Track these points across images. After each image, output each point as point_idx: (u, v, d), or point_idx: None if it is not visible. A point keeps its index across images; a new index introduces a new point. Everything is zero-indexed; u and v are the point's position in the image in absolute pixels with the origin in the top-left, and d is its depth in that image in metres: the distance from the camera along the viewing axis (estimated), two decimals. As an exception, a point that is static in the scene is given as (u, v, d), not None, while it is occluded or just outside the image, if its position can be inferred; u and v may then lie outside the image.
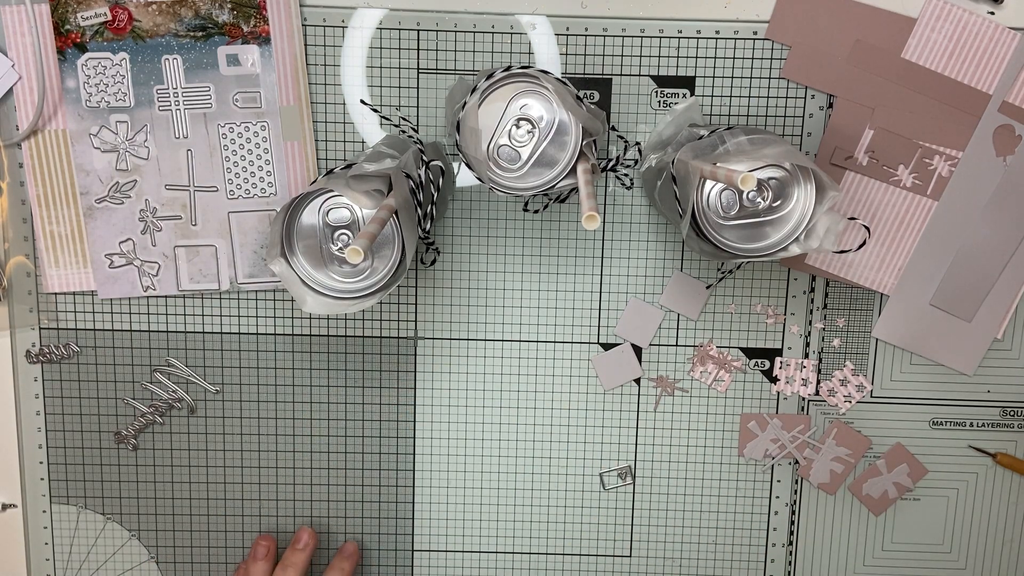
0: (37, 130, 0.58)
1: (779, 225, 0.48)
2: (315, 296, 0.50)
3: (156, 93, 0.58)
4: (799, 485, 0.64)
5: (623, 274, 0.61)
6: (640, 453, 0.64)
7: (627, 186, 0.60)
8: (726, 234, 0.48)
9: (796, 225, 0.48)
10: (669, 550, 0.65)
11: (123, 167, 0.59)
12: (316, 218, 0.50)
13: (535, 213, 0.61)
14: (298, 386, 0.63)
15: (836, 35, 0.57)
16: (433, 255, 0.61)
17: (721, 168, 0.44)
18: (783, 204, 0.48)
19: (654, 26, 0.58)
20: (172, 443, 0.64)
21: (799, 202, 0.47)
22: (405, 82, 0.59)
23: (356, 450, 0.64)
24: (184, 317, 0.62)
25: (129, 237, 0.60)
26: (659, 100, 0.59)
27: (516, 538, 0.65)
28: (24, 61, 0.58)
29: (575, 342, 0.62)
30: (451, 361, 0.63)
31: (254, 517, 0.65)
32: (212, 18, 0.57)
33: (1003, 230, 0.60)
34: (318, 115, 0.59)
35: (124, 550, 0.65)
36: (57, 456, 0.63)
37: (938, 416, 0.63)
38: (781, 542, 0.65)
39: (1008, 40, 0.57)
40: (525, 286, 0.62)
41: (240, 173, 0.59)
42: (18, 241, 0.60)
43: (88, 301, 0.61)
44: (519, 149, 0.48)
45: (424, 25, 0.58)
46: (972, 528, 0.65)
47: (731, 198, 0.48)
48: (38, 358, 0.62)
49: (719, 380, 0.63)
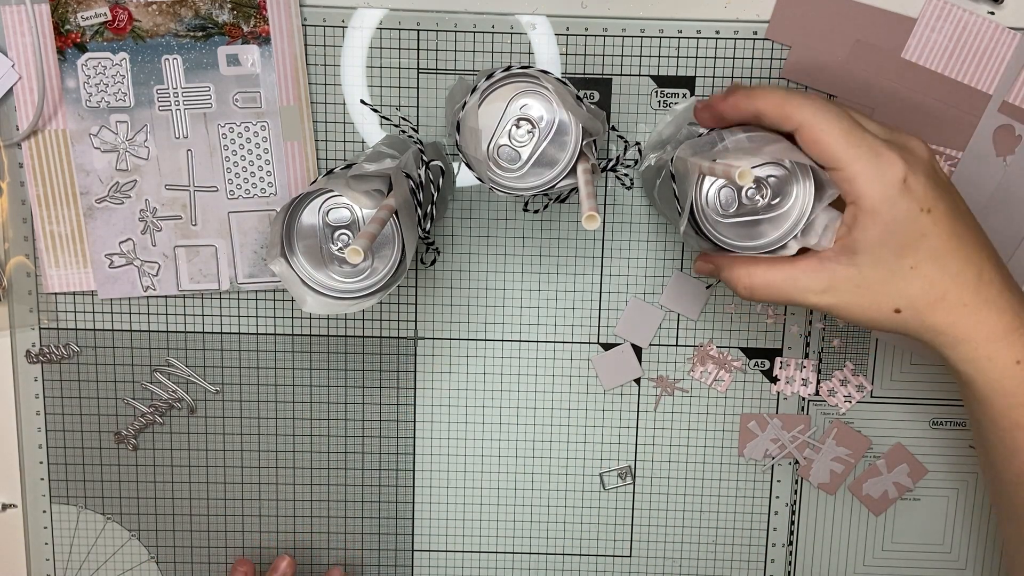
0: (37, 130, 0.58)
1: (778, 223, 0.48)
2: (315, 296, 0.50)
3: (156, 93, 0.58)
4: (799, 485, 0.64)
5: (623, 274, 0.61)
6: (640, 453, 0.64)
7: (627, 186, 0.60)
8: (724, 232, 0.48)
9: (795, 223, 0.47)
10: (669, 550, 0.65)
11: (123, 167, 0.59)
12: (316, 218, 0.50)
13: (535, 213, 0.61)
14: (298, 386, 0.63)
15: (836, 35, 0.57)
16: (433, 255, 0.61)
17: (720, 164, 0.44)
18: (782, 202, 0.48)
19: (654, 26, 0.58)
20: (172, 443, 0.64)
21: (798, 200, 0.47)
22: (405, 82, 0.59)
23: (356, 450, 0.64)
24: (184, 317, 0.62)
25: (129, 237, 0.60)
26: (659, 100, 0.59)
27: (516, 538, 0.65)
28: (24, 61, 0.58)
29: (575, 342, 0.62)
30: (451, 361, 0.63)
31: (254, 517, 0.65)
32: (212, 18, 0.57)
33: (1003, 230, 0.60)
34: (318, 115, 0.59)
35: (124, 550, 0.65)
36: (57, 456, 0.63)
37: (938, 416, 0.63)
38: (781, 542, 0.65)
39: (1008, 40, 0.57)
40: (525, 286, 0.62)
41: (240, 173, 0.59)
42: (18, 241, 0.60)
43: (88, 301, 0.61)
44: (519, 149, 0.48)
45: (424, 25, 0.58)
46: (972, 528, 0.65)
47: (730, 196, 0.48)
48: (38, 358, 0.62)
49: (719, 380, 0.63)
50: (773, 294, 0.48)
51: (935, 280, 0.46)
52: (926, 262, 0.46)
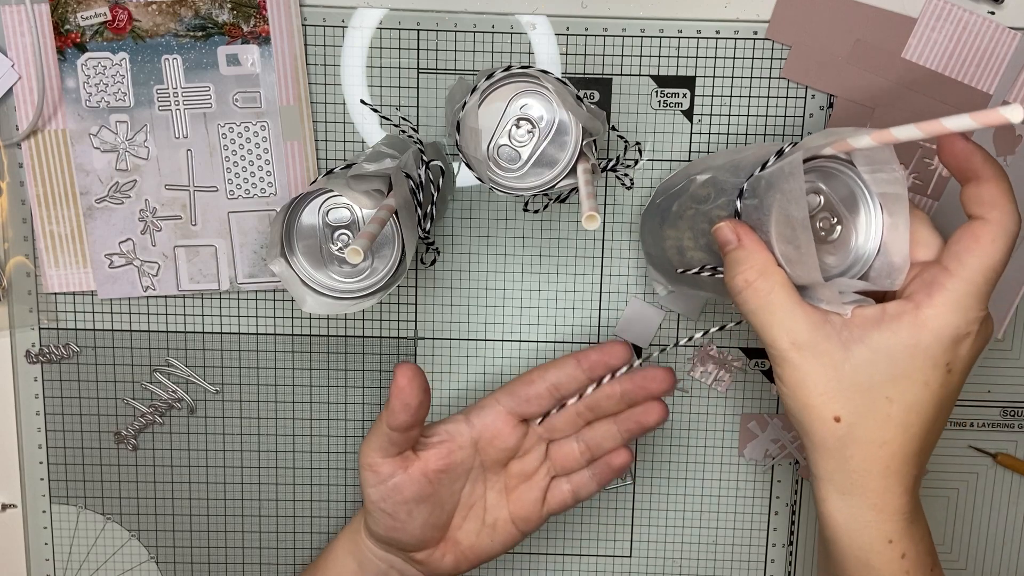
0: (37, 130, 0.58)
1: (840, 256, 0.45)
2: (315, 296, 0.50)
3: (156, 93, 0.58)
4: (799, 485, 0.64)
5: (623, 274, 0.61)
6: (640, 453, 0.64)
7: (627, 186, 0.60)
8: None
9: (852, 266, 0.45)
10: (669, 550, 0.65)
11: (123, 167, 0.59)
12: (316, 218, 0.50)
13: (535, 213, 0.61)
14: (298, 386, 0.63)
15: (836, 35, 0.57)
16: (433, 255, 0.61)
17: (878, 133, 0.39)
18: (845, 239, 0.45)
19: (654, 26, 0.58)
20: (172, 443, 0.64)
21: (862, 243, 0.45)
22: (405, 82, 0.59)
23: (356, 450, 0.64)
24: (184, 317, 0.62)
25: (129, 237, 0.60)
26: (659, 100, 0.59)
27: (516, 538, 0.65)
28: (24, 61, 0.58)
29: (575, 342, 0.62)
30: (451, 361, 0.63)
31: (254, 517, 0.65)
32: (212, 18, 0.57)
33: (1003, 230, 0.59)
34: (318, 115, 0.59)
35: (124, 550, 0.65)
36: (57, 456, 0.63)
37: (938, 416, 0.63)
38: (781, 542, 0.65)
39: (1008, 40, 0.57)
40: (525, 286, 0.62)
41: (240, 173, 0.59)
42: (18, 241, 0.60)
43: (88, 301, 0.61)
44: (519, 149, 0.48)
45: (424, 25, 0.58)
46: (972, 528, 0.65)
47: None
48: (38, 358, 0.62)
49: (719, 380, 0.63)
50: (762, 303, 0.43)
51: (894, 424, 0.42)
52: (903, 406, 0.42)
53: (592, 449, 0.55)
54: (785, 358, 0.43)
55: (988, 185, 0.41)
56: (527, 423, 0.55)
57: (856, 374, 0.42)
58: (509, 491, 0.56)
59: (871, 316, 0.42)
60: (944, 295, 0.41)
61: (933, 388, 0.42)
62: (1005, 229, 0.41)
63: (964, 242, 0.42)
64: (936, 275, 0.42)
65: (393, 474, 0.52)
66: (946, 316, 0.41)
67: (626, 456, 0.55)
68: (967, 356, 0.42)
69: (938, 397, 0.42)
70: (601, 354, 0.53)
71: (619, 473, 0.55)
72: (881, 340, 0.42)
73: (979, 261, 0.41)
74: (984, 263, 0.41)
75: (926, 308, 0.41)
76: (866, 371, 0.42)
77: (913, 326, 0.41)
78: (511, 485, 0.56)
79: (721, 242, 0.45)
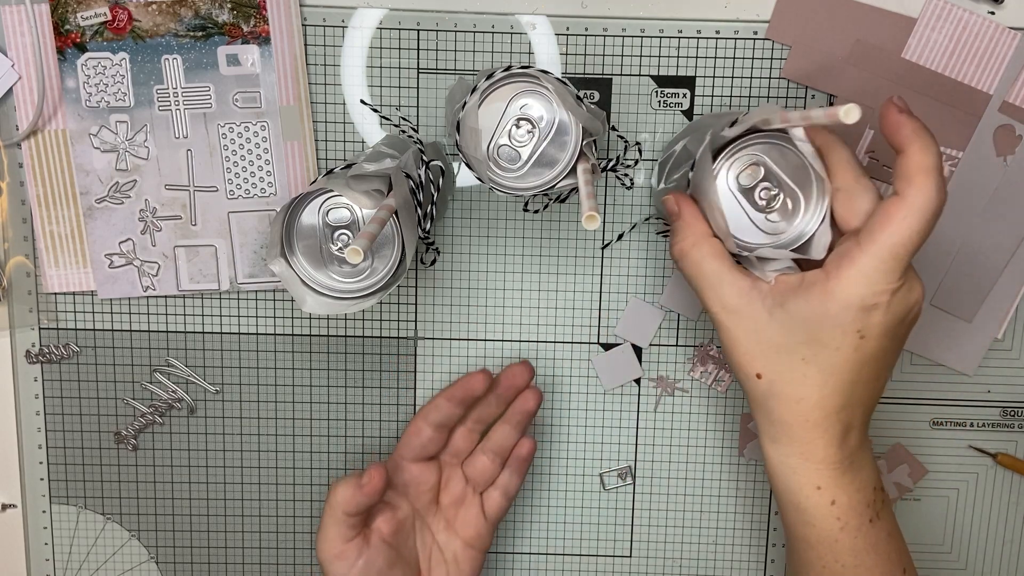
0: (37, 130, 0.58)
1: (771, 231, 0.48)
2: (315, 296, 0.50)
3: (156, 93, 0.58)
4: (799, 485, 0.64)
5: (623, 274, 0.61)
6: (640, 453, 0.64)
7: (627, 186, 0.60)
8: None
9: (790, 241, 0.47)
10: (669, 550, 0.65)
11: (123, 167, 0.59)
12: (316, 218, 0.50)
13: (535, 213, 0.61)
14: (298, 386, 0.63)
15: (836, 35, 0.57)
16: (433, 255, 0.61)
17: (818, 110, 0.41)
18: (782, 219, 0.48)
19: (654, 26, 0.58)
20: (172, 443, 0.64)
21: (802, 223, 0.47)
22: (405, 82, 0.59)
23: (356, 450, 0.64)
24: (184, 317, 0.62)
25: (129, 237, 0.60)
26: (659, 100, 0.59)
27: (516, 538, 0.65)
28: (24, 61, 0.58)
29: (575, 342, 0.62)
30: (451, 361, 0.63)
31: (254, 517, 0.65)
32: (212, 18, 0.57)
33: (1003, 230, 0.60)
34: (318, 115, 0.59)
35: (124, 550, 0.65)
36: (57, 456, 0.63)
37: (938, 416, 0.63)
38: (781, 542, 0.65)
39: (1008, 40, 0.57)
40: (525, 286, 0.62)
41: (240, 173, 0.59)
42: (18, 241, 0.60)
43: (88, 301, 0.61)
44: (519, 149, 0.48)
45: (424, 25, 0.58)
46: (972, 528, 0.65)
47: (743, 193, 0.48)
48: (38, 358, 0.62)
49: (719, 380, 0.63)
50: (695, 271, 0.47)
51: (810, 383, 0.45)
52: (817, 367, 0.45)
53: (499, 452, 0.58)
54: (718, 321, 0.47)
55: (910, 160, 0.43)
56: (436, 459, 0.58)
57: (776, 336, 0.45)
58: (451, 523, 0.58)
59: (791, 283, 0.45)
60: (851, 268, 0.43)
61: (846, 352, 0.44)
62: (917, 207, 0.42)
63: (878, 217, 0.43)
64: (849, 248, 0.44)
65: (360, 553, 0.54)
66: (851, 288, 0.43)
67: (529, 443, 0.58)
68: (881, 323, 0.44)
69: (852, 360, 0.45)
70: (466, 384, 0.56)
71: (531, 459, 0.59)
72: (797, 306, 0.45)
73: (888, 238, 0.43)
74: (893, 240, 0.43)
75: (834, 279, 0.44)
76: (784, 333, 0.45)
77: (823, 294, 0.44)
78: (450, 516, 0.58)
79: (667, 213, 0.50)
